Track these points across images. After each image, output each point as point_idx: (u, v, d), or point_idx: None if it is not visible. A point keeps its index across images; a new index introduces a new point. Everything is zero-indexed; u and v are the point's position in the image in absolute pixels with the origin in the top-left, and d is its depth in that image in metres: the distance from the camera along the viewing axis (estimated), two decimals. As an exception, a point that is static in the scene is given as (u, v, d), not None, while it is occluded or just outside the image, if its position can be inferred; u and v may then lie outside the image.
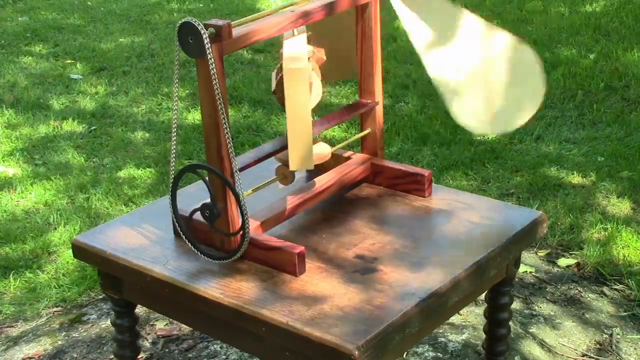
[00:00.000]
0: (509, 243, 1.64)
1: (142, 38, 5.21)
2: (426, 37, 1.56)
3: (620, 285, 2.65)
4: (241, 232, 1.54)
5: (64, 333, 2.53)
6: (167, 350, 2.43)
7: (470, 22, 1.57)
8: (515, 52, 1.59)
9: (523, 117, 1.63)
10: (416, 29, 1.56)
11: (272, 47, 4.65)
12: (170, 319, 2.50)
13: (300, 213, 1.70)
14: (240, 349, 1.70)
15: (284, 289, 1.49)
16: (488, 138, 3.62)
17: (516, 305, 2.55)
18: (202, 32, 1.41)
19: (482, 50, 1.59)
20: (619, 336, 2.44)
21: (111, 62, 4.80)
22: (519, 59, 1.59)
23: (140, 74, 4.60)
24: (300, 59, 1.52)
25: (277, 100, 1.66)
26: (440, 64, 1.57)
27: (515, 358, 2.33)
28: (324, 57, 1.70)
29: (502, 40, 1.59)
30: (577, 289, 2.65)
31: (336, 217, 1.73)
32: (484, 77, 1.59)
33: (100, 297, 2.68)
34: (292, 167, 1.53)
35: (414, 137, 3.64)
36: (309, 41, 1.67)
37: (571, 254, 2.81)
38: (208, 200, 1.55)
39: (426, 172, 1.79)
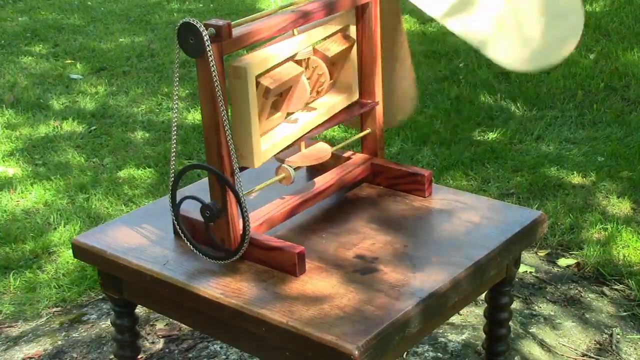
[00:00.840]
0: (509, 243, 1.64)
1: (142, 38, 5.21)
2: (442, 6, 1.55)
3: (620, 285, 2.65)
4: (241, 232, 1.54)
5: (64, 333, 2.53)
6: (167, 350, 2.43)
7: None
8: None
9: (564, 51, 1.59)
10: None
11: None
12: (170, 319, 2.50)
13: (300, 213, 1.70)
14: (240, 349, 1.70)
15: (284, 289, 1.49)
16: (488, 138, 3.62)
17: (516, 305, 2.56)
18: (202, 32, 1.41)
19: None
20: (619, 336, 2.44)
21: (111, 62, 4.80)
22: None
23: (140, 74, 4.60)
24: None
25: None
26: (465, 22, 1.55)
27: (515, 358, 2.33)
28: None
29: None
30: (577, 289, 2.65)
31: (336, 217, 1.73)
32: (515, 16, 1.56)
33: (100, 297, 2.68)
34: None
35: (414, 137, 3.65)
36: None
37: (571, 254, 2.82)
38: (208, 200, 1.55)
39: (426, 172, 1.79)
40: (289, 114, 1.68)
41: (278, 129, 1.64)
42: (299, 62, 1.63)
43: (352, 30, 1.73)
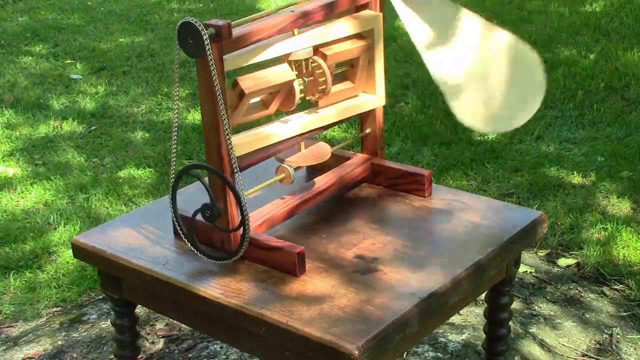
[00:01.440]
0: (509, 243, 1.64)
1: (142, 38, 5.21)
2: (427, 35, 1.56)
3: (620, 285, 2.65)
4: (241, 232, 1.54)
5: (64, 333, 2.53)
6: (167, 350, 2.43)
7: (470, 21, 1.57)
8: (516, 52, 1.59)
9: (524, 117, 1.62)
10: (416, 28, 1.56)
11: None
12: (170, 319, 2.50)
13: (300, 213, 1.70)
14: (240, 349, 1.70)
15: (284, 289, 1.49)
16: (488, 138, 3.62)
17: (516, 305, 2.56)
18: (202, 32, 1.41)
19: (483, 49, 1.58)
20: (619, 336, 2.44)
21: (111, 62, 4.80)
22: (520, 58, 1.59)
23: (140, 74, 4.60)
24: None
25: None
26: (441, 62, 1.57)
27: (515, 358, 2.33)
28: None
29: (503, 40, 1.58)
30: (577, 289, 2.65)
31: (336, 217, 1.73)
32: (484, 76, 1.59)
33: (100, 297, 2.68)
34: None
35: (414, 137, 3.64)
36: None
37: (571, 254, 2.82)
38: (208, 200, 1.55)
39: (426, 172, 1.79)
40: (289, 112, 1.68)
41: (269, 127, 1.63)
42: (294, 62, 1.63)
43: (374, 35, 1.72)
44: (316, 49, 1.65)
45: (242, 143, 1.55)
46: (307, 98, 1.68)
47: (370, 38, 1.70)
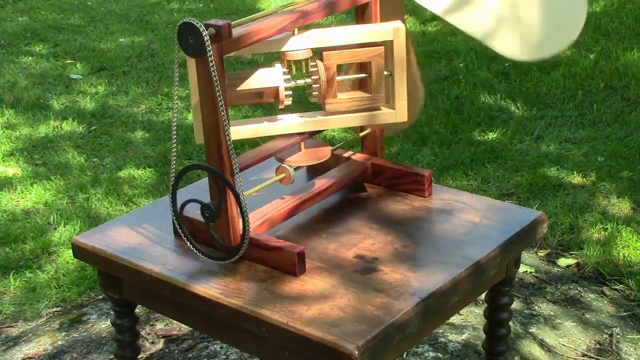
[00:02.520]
0: (509, 243, 1.64)
1: (142, 38, 5.21)
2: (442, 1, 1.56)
3: (620, 285, 2.65)
4: (241, 232, 1.54)
5: (64, 333, 2.53)
6: (167, 350, 2.43)
7: None
8: None
9: (566, 40, 1.60)
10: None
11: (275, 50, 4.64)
12: (170, 319, 2.50)
13: (300, 213, 1.70)
14: (240, 349, 1.70)
15: (284, 289, 1.49)
16: (488, 138, 3.62)
17: (516, 305, 2.56)
18: (202, 32, 1.41)
19: None
20: (619, 336, 2.44)
21: (111, 62, 4.80)
22: None
23: (140, 74, 4.60)
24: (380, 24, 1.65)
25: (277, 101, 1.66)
26: (464, 17, 1.56)
27: (515, 358, 2.33)
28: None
29: None
30: (577, 289, 2.65)
31: (336, 217, 1.73)
32: (513, 10, 1.57)
33: (100, 297, 2.68)
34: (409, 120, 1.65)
35: (414, 137, 3.64)
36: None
37: (571, 254, 2.82)
38: (208, 200, 1.55)
39: (426, 172, 1.79)
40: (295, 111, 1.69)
41: (258, 123, 1.65)
42: (294, 62, 1.63)
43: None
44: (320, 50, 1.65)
45: (236, 130, 1.59)
46: (311, 100, 1.67)
47: (386, 47, 1.65)
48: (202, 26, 1.41)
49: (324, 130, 1.73)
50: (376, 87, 1.67)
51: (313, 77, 1.63)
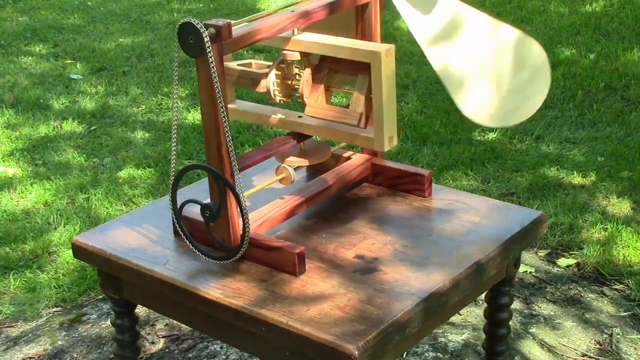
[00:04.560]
0: (509, 243, 1.64)
1: (142, 38, 5.21)
2: (429, 31, 1.55)
3: (620, 285, 2.65)
4: (241, 232, 1.54)
5: (64, 333, 2.53)
6: (167, 350, 2.43)
7: (474, 16, 1.57)
8: (521, 46, 1.58)
9: (528, 112, 1.62)
10: (418, 24, 1.55)
11: (272, 47, 4.64)
12: (170, 319, 2.50)
13: (300, 213, 1.70)
14: (240, 349, 1.70)
15: (284, 289, 1.49)
16: (488, 138, 3.62)
17: (516, 305, 2.56)
18: (202, 32, 1.41)
19: (488, 43, 1.58)
20: (619, 336, 2.44)
21: (111, 62, 4.80)
22: (525, 52, 1.58)
23: (140, 74, 4.60)
24: (367, 43, 1.61)
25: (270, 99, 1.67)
26: (445, 57, 1.56)
27: (515, 358, 2.33)
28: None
29: (508, 35, 1.58)
30: (577, 289, 2.65)
31: (336, 217, 1.73)
32: (489, 70, 1.58)
33: (100, 297, 2.68)
34: (385, 148, 1.60)
35: (414, 137, 3.65)
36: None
37: (571, 254, 2.82)
38: (208, 200, 1.55)
39: (426, 172, 1.79)
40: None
41: (255, 109, 1.73)
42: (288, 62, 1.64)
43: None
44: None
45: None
46: (300, 100, 1.68)
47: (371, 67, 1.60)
48: (202, 26, 1.42)
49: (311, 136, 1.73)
50: (355, 104, 1.62)
51: (298, 77, 1.65)
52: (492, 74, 1.58)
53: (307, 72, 1.64)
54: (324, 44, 1.61)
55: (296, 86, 1.65)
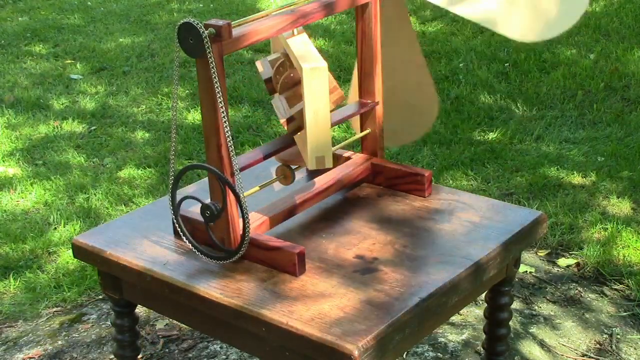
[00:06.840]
0: (509, 243, 1.64)
1: (142, 38, 5.21)
2: None
3: (620, 285, 2.65)
4: (241, 232, 1.54)
5: (64, 333, 2.53)
6: (167, 350, 2.43)
7: None
8: None
9: (576, 17, 1.61)
10: None
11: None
12: (170, 319, 2.50)
13: (300, 213, 1.70)
14: (240, 349, 1.70)
15: (284, 289, 1.49)
16: (488, 138, 3.62)
17: (516, 305, 2.56)
18: (202, 32, 1.41)
19: None
20: (619, 336, 2.44)
21: (111, 62, 4.80)
22: None
23: (140, 74, 4.60)
24: (315, 57, 1.51)
25: (268, 90, 1.67)
26: (468, 4, 1.56)
27: (515, 358, 2.33)
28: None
29: None
30: (577, 289, 2.65)
31: (336, 217, 1.73)
32: None
33: (100, 297, 2.68)
34: (310, 167, 1.53)
35: (414, 137, 3.64)
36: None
37: (571, 254, 2.82)
38: (208, 200, 1.55)
39: (426, 172, 1.79)
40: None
41: None
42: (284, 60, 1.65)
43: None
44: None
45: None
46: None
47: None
48: (202, 26, 1.42)
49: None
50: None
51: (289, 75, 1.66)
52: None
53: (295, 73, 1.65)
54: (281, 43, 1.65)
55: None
